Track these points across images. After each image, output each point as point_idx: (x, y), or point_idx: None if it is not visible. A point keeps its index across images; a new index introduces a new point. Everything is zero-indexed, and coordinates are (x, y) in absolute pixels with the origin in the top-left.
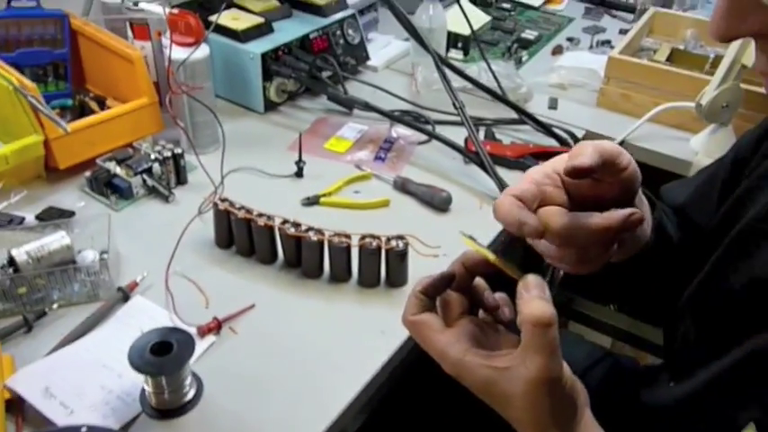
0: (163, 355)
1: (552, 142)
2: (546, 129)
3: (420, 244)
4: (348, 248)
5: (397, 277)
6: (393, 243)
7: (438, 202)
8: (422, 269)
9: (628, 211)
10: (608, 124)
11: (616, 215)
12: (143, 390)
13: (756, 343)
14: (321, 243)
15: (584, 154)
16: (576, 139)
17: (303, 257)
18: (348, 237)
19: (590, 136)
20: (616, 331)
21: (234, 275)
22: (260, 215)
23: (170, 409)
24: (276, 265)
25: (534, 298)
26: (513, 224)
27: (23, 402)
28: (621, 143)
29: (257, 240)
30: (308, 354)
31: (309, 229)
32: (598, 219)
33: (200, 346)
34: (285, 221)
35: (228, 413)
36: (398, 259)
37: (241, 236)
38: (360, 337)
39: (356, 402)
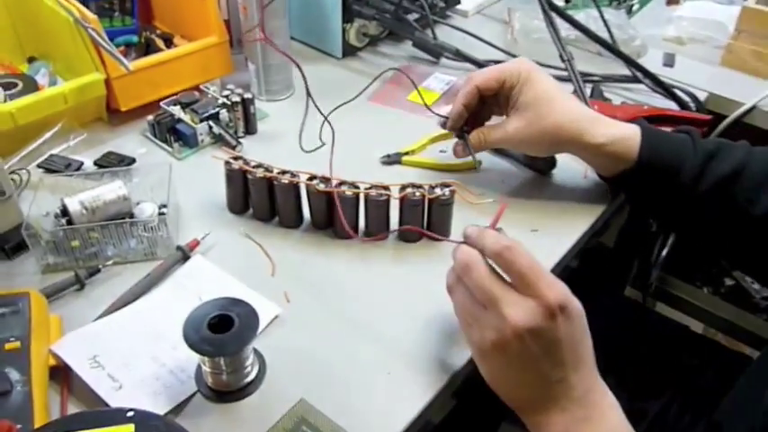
0: (222, 331)
1: (669, 104)
2: (664, 88)
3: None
4: (387, 201)
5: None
6: (438, 191)
7: (540, 165)
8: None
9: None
10: (734, 86)
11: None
12: (199, 367)
13: None
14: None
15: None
16: (699, 103)
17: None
18: (387, 188)
19: (713, 99)
20: (711, 317)
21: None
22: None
23: (229, 391)
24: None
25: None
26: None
27: (70, 371)
28: (751, 109)
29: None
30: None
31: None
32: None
33: (264, 319)
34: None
35: (293, 398)
36: (443, 209)
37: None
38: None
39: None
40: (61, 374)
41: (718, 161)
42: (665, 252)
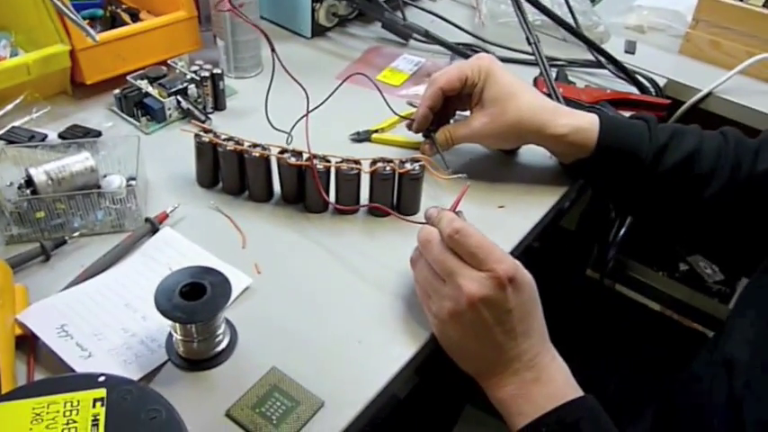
0: (194, 299)
1: (631, 89)
2: (626, 73)
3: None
4: (358, 175)
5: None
6: (408, 166)
7: None
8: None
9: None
10: (692, 73)
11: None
12: (170, 335)
13: None
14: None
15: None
16: (658, 88)
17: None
18: (358, 162)
19: (671, 85)
20: (666, 298)
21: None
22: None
23: (200, 359)
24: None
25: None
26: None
27: (36, 340)
28: (707, 96)
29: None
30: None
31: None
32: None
33: (235, 290)
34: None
35: (265, 366)
36: (413, 184)
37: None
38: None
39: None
40: (28, 344)
41: (672, 148)
42: (622, 232)
